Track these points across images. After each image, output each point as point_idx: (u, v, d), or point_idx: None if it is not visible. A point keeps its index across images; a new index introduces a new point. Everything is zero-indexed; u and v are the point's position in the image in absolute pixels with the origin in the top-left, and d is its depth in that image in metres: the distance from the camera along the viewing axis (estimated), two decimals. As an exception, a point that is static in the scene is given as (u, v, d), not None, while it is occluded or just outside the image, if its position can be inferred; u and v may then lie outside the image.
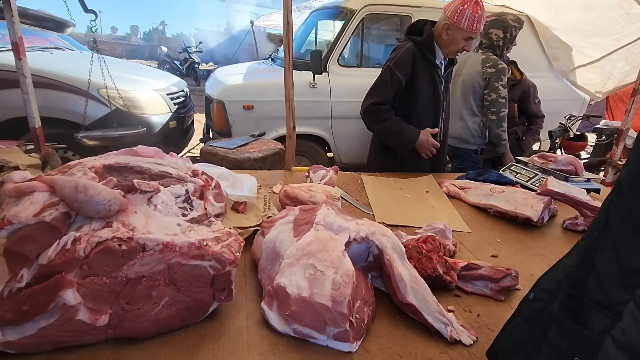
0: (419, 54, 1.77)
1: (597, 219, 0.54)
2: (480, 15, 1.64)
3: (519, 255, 1.13)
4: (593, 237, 0.52)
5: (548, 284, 0.59)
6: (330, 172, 1.46)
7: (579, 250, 0.56)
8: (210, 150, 2.02)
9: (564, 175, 1.68)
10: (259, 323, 0.75)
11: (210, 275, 0.72)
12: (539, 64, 3.87)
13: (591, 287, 0.50)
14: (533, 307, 0.60)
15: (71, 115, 2.94)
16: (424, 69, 1.78)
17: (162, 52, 12.80)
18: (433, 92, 1.82)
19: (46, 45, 3.54)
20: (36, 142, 1.55)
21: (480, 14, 1.64)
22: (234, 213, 1.17)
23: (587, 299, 0.50)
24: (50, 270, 0.62)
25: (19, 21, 1.42)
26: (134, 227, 0.70)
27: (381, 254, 0.86)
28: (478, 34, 1.70)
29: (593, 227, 0.54)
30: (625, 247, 0.47)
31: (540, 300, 0.59)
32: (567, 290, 0.54)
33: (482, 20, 1.66)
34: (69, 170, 0.76)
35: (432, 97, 1.83)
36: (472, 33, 1.67)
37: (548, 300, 0.57)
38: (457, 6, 1.66)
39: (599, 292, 0.49)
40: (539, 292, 0.60)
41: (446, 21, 1.69)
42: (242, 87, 3.41)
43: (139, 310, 0.66)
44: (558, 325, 0.53)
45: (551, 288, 0.57)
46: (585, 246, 0.54)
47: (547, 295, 0.58)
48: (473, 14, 1.63)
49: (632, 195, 0.47)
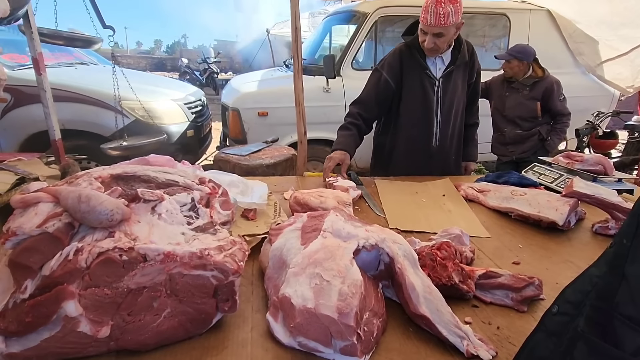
0: (407, 55, 1.70)
1: (626, 224, 0.49)
2: (428, 5, 1.50)
3: (543, 262, 1.06)
4: (622, 245, 0.47)
5: (573, 296, 0.53)
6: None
7: (607, 259, 0.50)
8: (223, 158, 2.03)
9: (592, 176, 1.57)
10: (264, 335, 0.73)
11: (212, 285, 0.70)
12: (562, 59, 3.71)
13: (622, 301, 0.45)
14: (557, 322, 0.54)
15: (94, 127, 3.05)
16: (413, 71, 1.71)
17: (182, 63, 13.24)
18: (423, 95, 1.73)
19: (71, 60, 3.71)
20: (56, 153, 1.61)
21: (428, 4, 1.50)
22: (244, 220, 1.16)
23: (617, 314, 0.45)
24: (53, 281, 0.61)
25: (38, 38, 1.48)
26: (136, 236, 0.69)
27: (392, 262, 0.82)
28: (428, 26, 1.54)
29: (622, 234, 0.49)
30: None
31: (564, 314, 0.53)
32: (594, 303, 0.48)
33: (429, 11, 1.50)
34: (75, 181, 0.77)
35: (421, 99, 1.73)
36: (423, 24, 1.56)
37: (573, 314, 0.52)
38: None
39: (631, 307, 0.44)
40: (563, 305, 0.54)
41: None
42: (257, 94, 3.45)
43: (140, 321, 0.65)
44: (585, 343, 0.48)
45: (577, 301, 0.52)
46: (614, 254, 0.49)
47: (573, 309, 0.52)
48: (426, 4, 1.52)
49: None
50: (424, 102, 1.74)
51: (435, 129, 1.78)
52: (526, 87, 2.78)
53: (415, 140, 1.81)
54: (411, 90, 1.72)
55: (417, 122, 1.77)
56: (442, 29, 1.54)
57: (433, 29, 1.54)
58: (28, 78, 2.79)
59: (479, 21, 3.77)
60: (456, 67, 1.72)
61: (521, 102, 2.81)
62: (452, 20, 1.51)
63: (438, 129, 1.79)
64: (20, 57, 3.21)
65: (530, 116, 2.83)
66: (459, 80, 1.75)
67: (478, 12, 3.61)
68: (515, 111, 2.85)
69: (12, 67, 2.98)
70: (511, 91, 2.86)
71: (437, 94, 1.74)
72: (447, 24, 1.52)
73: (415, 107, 1.75)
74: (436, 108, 1.75)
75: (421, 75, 1.71)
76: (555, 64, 3.24)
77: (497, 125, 3.04)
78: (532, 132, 2.86)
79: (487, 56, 3.95)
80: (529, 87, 2.78)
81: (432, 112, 1.76)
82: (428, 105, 1.74)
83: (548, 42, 3.58)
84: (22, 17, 1.37)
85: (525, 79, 2.79)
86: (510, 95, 2.87)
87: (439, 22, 1.51)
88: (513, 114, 2.87)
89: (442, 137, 1.80)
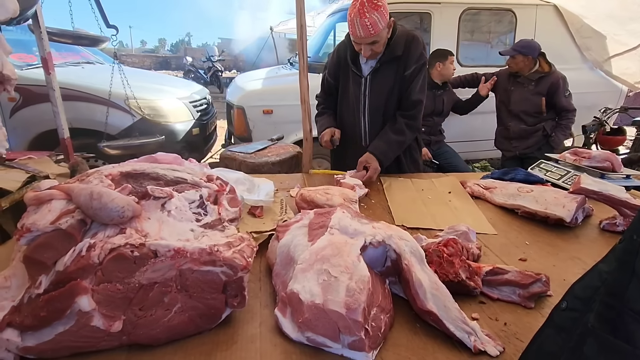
0: (343, 52, 1.67)
1: (636, 220, 0.49)
2: (352, 19, 1.44)
3: (550, 259, 1.06)
4: (633, 241, 0.47)
5: (582, 291, 0.53)
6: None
7: (617, 255, 0.50)
8: (229, 155, 2.05)
9: (599, 172, 1.56)
10: (273, 330, 0.74)
11: (222, 281, 0.71)
12: (569, 55, 3.67)
13: (632, 297, 0.45)
14: (566, 317, 0.54)
15: (101, 126, 3.08)
16: (345, 69, 1.69)
17: (187, 62, 13.28)
18: (349, 93, 1.70)
19: (78, 60, 3.74)
20: (65, 152, 1.63)
21: (352, 17, 1.44)
22: (251, 217, 1.17)
23: (628, 310, 0.45)
24: (67, 277, 0.63)
25: (47, 38, 1.49)
26: (146, 233, 0.70)
27: (399, 259, 0.83)
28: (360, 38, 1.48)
29: (632, 230, 0.48)
30: None
31: (573, 310, 0.53)
32: (604, 299, 0.48)
33: (355, 25, 1.44)
34: (86, 178, 0.78)
35: (348, 98, 1.71)
36: (356, 37, 1.50)
37: (582, 310, 0.51)
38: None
39: None
40: (572, 301, 0.54)
41: None
42: (261, 92, 3.45)
43: (151, 316, 0.67)
44: (595, 339, 0.48)
45: (586, 296, 0.52)
46: (624, 250, 0.49)
47: (582, 305, 0.52)
48: (349, 17, 1.45)
49: None
50: (352, 101, 1.70)
51: (364, 129, 1.73)
52: (532, 82, 2.76)
53: (347, 139, 1.77)
54: (343, 89, 1.71)
55: (347, 121, 1.74)
56: (374, 37, 1.48)
57: (365, 39, 1.49)
58: (36, 77, 2.82)
59: (485, 17, 3.73)
60: (384, 63, 1.61)
61: (526, 97, 2.79)
62: (380, 26, 1.45)
63: (367, 128, 1.73)
64: (28, 57, 3.24)
65: (535, 111, 2.80)
66: (389, 77, 1.63)
67: (484, 8, 3.58)
68: (520, 106, 2.83)
69: (21, 67, 3.02)
70: (516, 85, 2.84)
71: (365, 92, 1.67)
72: (377, 31, 1.45)
73: (345, 107, 1.73)
74: (363, 107, 1.69)
75: (351, 74, 1.67)
76: (562, 59, 3.20)
77: (501, 119, 3.02)
78: (536, 127, 2.84)
79: (492, 52, 3.92)
80: (534, 82, 2.75)
81: (360, 111, 1.70)
82: (355, 105, 1.70)
83: (555, 38, 3.54)
84: (32, 17, 1.39)
85: (531, 73, 2.77)
86: (515, 89, 2.84)
87: (369, 32, 1.45)
88: (518, 109, 2.84)
89: (371, 136, 1.72)
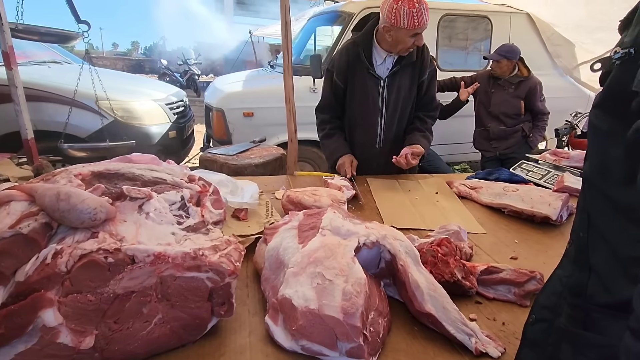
0: (354, 54, 1.64)
1: (577, 220, 0.50)
2: (418, 9, 1.45)
3: (540, 257, 1.06)
4: (581, 239, 0.48)
5: (547, 300, 0.53)
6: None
7: (571, 257, 0.51)
8: (210, 158, 1.96)
9: (578, 171, 1.60)
10: (263, 339, 0.68)
11: (207, 288, 0.65)
12: (541, 61, 3.81)
13: (594, 292, 0.45)
14: (536, 330, 0.53)
15: (70, 128, 2.90)
16: (358, 70, 1.63)
17: (162, 65, 12.88)
18: (366, 95, 1.65)
19: (44, 59, 3.53)
20: (29, 154, 1.50)
21: (418, 7, 1.45)
22: (235, 221, 1.11)
23: (593, 306, 0.45)
24: (28, 288, 0.55)
25: (9, 30, 1.38)
26: (122, 237, 0.64)
27: (394, 260, 0.79)
28: (423, 27, 1.50)
29: (576, 229, 0.50)
30: (617, 236, 0.43)
31: (542, 321, 0.52)
32: (570, 301, 0.48)
33: (423, 13, 1.46)
34: (52, 178, 0.70)
35: (365, 100, 1.66)
36: (417, 29, 1.48)
37: (550, 318, 0.51)
38: (390, 5, 1.46)
39: (604, 295, 0.44)
40: (540, 312, 0.53)
41: (385, 23, 1.50)
42: (242, 94, 3.37)
43: (128, 329, 0.60)
44: (569, 340, 0.47)
45: (551, 304, 0.51)
46: (577, 249, 0.49)
47: (549, 313, 0.51)
48: (410, 10, 1.44)
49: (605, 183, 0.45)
50: (369, 103, 1.67)
51: (379, 131, 1.71)
52: (512, 85, 2.85)
53: (359, 141, 1.75)
54: (356, 90, 1.67)
55: (362, 123, 1.72)
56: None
57: (426, 26, 1.50)
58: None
59: (462, 24, 3.82)
60: (402, 66, 1.63)
61: (506, 99, 2.88)
62: None
63: (382, 130, 1.72)
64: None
65: (514, 113, 2.90)
66: (405, 80, 1.66)
67: (460, 15, 3.67)
68: (500, 108, 2.91)
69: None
70: (497, 88, 2.92)
71: (383, 94, 1.66)
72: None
73: (360, 108, 1.70)
74: (381, 109, 1.68)
75: (366, 76, 1.65)
76: (534, 65, 3.31)
77: (480, 120, 3.10)
78: (515, 128, 2.94)
79: (470, 58, 4.02)
80: (514, 85, 2.85)
81: (377, 113, 1.69)
82: (373, 107, 1.68)
83: (528, 45, 3.66)
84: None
85: (511, 77, 2.86)
86: (496, 92, 2.93)
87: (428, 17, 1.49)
88: (498, 110, 2.93)
89: (386, 138, 1.74)
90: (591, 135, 0.48)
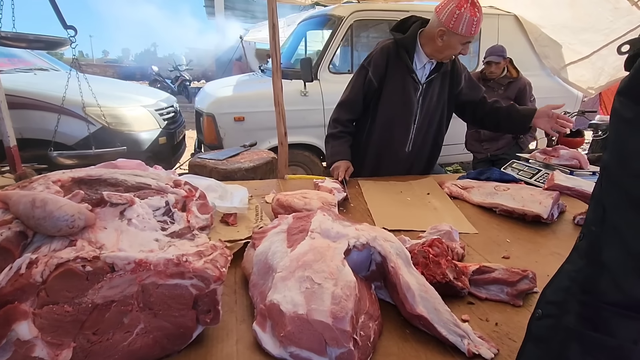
0: (394, 54, 1.63)
1: (590, 211, 0.48)
2: (479, 18, 1.48)
3: (532, 255, 1.05)
4: (593, 233, 0.46)
5: (554, 295, 0.51)
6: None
7: (581, 252, 0.48)
8: (199, 163, 1.94)
9: (568, 170, 1.61)
10: (251, 347, 0.66)
11: (192, 295, 0.63)
12: (529, 62, 3.87)
13: (606, 290, 0.43)
14: (542, 326, 0.51)
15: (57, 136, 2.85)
16: (398, 71, 1.63)
17: (152, 71, 12.82)
18: (404, 97, 1.65)
19: (30, 66, 3.48)
20: (11, 162, 1.47)
21: (478, 17, 1.47)
22: (224, 226, 1.08)
23: (605, 304, 0.43)
24: (1, 300, 0.53)
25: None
26: (102, 244, 0.61)
27: (385, 261, 0.78)
28: (475, 37, 1.54)
29: (589, 222, 0.47)
30: (633, 232, 0.40)
31: (548, 317, 0.50)
32: (580, 298, 0.46)
33: (480, 24, 1.51)
34: (29, 185, 0.68)
35: (402, 102, 1.66)
36: (471, 37, 1.51)
37: (558, 314, 0.49)
38: (452, 10, 1.46)
39: (617, 293, 0.42)
40: (546, 307, 0.51)
41: (441, 27, 1.50)
42: (232, 99, 3.36)
43: (108, 341, 0.57)
44: (578, 341, 0.45)
45: (559, 300, 0.49)
46: (588, 245, 0.47)
47: (556, 309, 0.49)
48: (472, 17, 1.46)
49: (623, 174, 0.42)
50: (405, 106, 1.68)
51: (411, 135, 1.73)
52: (501, 87, 2.88)
53: (389, 144, 1.74)
54: (393, 92, 1.66)
55: (395, 125, 1.71)
56: None
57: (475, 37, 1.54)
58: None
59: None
60: (439, 74, 1.67)
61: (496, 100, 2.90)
62: None
63: (414, 134, 1.73)
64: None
65: None
66: (438, 88, 1.70)
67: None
68: None
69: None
70: (487, 89, 2.94)
71: (419, 99, 1.67)
72: None
73: (395, 110, 1.69)
74: (416, 113, 1.69)
75: (406, 78, 1.64)
76: (522, 66, 3.36)
77: None
78: None
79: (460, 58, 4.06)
80: (504, 86, 2.87)
81: (411, 117, 1.69)
82: (408, 110, 1.68)
83: (515, 46, 3.72)
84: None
85: (501, 78, 2.89)
86: (486, 93, 2.94)
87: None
88: None
89: (415, 143, 1.75)
90: (613, 122, 0.45)
